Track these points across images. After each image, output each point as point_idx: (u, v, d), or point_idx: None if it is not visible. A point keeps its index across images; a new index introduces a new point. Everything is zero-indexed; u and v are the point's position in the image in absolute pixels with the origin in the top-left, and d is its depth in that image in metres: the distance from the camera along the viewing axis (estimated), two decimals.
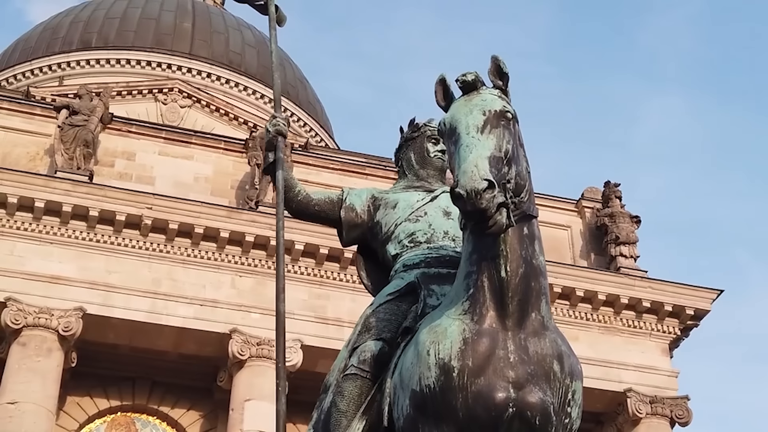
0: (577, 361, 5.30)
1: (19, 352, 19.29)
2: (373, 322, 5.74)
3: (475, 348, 5.04)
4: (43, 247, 20.31)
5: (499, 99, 5.26)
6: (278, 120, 6.32)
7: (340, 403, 5.53)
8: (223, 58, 35.37)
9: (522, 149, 5.32)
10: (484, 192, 4.72)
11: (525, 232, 5.18)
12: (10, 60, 35.95)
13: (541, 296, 5.22)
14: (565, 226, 25.58)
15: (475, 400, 4.96)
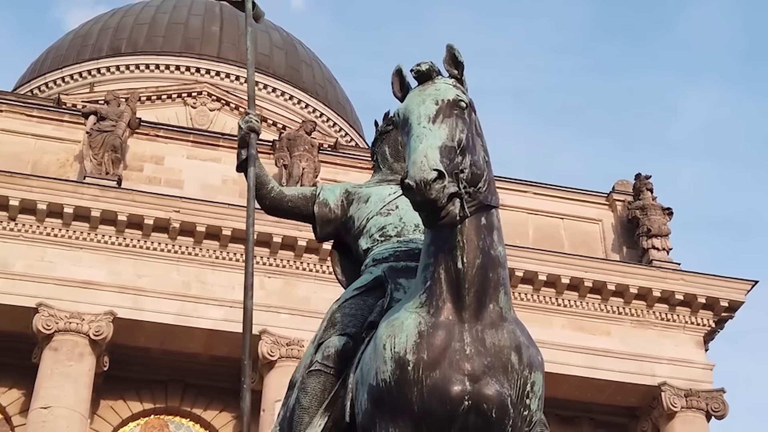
0: (537, 352, 5.22)
1: (51, 357, 19.48)
2: (338, 317, 5.71)
3: (431, 341, 4.98)
4: (73, 253, 20.49)
5: (453, 88, 5.19)
6: (251, 117, 6.31)
7: (303, 400, 5.49)
8: None
9: (479, 138, 5.24)
10: (433, 182, 4.67)
11: (483, 222, 5.11)
12: (41, 68, 36.32)
13: (500, 287, 5.15)
14: (596, 219, 25.39)
15: (430, 394, 4.90)
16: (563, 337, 22.38)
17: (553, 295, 22.84)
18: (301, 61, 37.73)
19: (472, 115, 5.24)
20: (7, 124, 22.78)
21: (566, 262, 23.00)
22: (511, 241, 23.23)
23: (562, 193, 25.37)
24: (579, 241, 24.65)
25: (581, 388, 22.48)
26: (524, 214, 24.69)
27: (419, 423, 4.94)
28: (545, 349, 21.42)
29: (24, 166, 21.90)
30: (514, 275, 22.42)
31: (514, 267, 22.39)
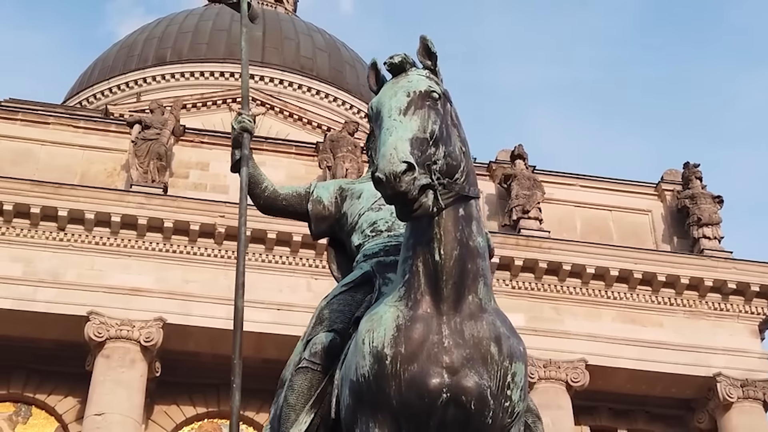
0: (518, 342, 5.15)
1: (104, 364, 19.72)
2: (326, 313, 5.70)
3: (408, 334, 4.96)
4: (122, 260, 20.73)
5: (425, 79, 5.13)
6: (244, 117, 6.29)
7: (290, 398, 5.49)
8: (294, 64, 35.66)
9: (455, 129, 5.18)
10: (403, 175, 4.63)
11: (461, 213, 5.07)
12: (89, 80, 36.85)
13: (479, 278, 5.10)
14: (646, 210, 25.09)
15: (409, 388, 4.87)
16: (614, 330, 22.15)
17: (602, 288, 22.60)
18: (345, 62, 37.83)
19: (447, 106, 5.19)
20: (56, 136, 23.13)
21: (614, 254, 22.76)
22: (558, 234, 23.11)
23: (609, 184, 25.12)
24: (628, 232, 24.38)
25: (634, 381, 22.23)
26: (571, 207, 24.50)
27: (398, 417, 4.91)
28: (595, 342, 21.45)
29: (73, 177, 22.22)
30: (561, 269, 22.28)
31: (561, 261, 22.27)
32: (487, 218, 23.83)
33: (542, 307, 22.15)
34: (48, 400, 21.13)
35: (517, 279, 22.26)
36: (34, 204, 20.68)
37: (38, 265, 20.45)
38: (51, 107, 28.69)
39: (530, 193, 23.45)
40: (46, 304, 20.13)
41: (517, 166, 24.04)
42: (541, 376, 21.12)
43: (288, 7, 44.29)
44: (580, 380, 21.33)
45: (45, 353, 20.79)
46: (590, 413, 22.56)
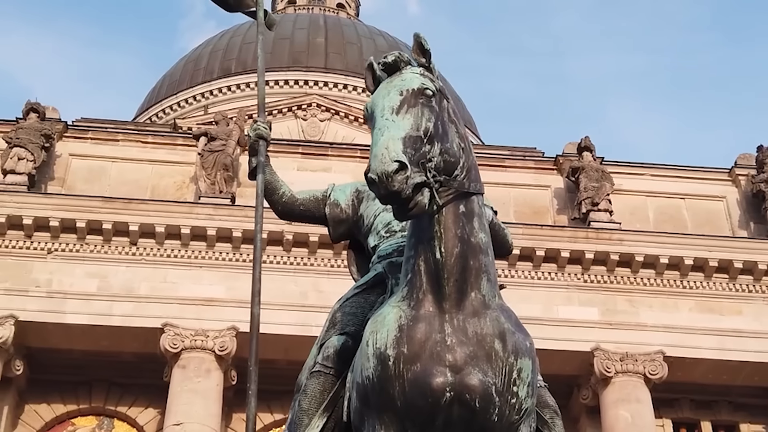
0: (524, 338, 5.04)
1: (180, 375, 19.99)
2: (338, 316, 5.65)
3: (411, 334, 4.90)
4: (193, 272, 21.00)
5: (419, 77, 5.05)
6: (259, 124, 6.26)
7: (303, 402, 5.45)
8: (357, 68, 35.72)
9: (453, 125, 5.09)
10: (395, 174, 4.57)
11: (461, 210, 4.99)
12: (158, 96, 37.43)
13: (482, 274, 5.02)
14: (720, 197, 24.58)
15: (412, 388, 4.81)
16: (691, 321, 21.73)
17: (677, 277, 22.19)
18: None
19: (443, 102, 5.10)
20: (126, 152, 23.55)
21: (688, 243, 22.33)
22: (631, 225, 22.77)
23: (681, 172, 24.68)
24: (703, 220, 23.91)
25: (716, 371, 21.78)
26: (643, 197, 24.14)
27: (403, 418, 4.86)
28: (673, 333, 21.06)
29: (143, 192, 22.60)
30: (634, 260, 21.93)
31: (633, 252, 21.93)
32: (556, 212, 23.61)
33: (616, 300, 21.84)
34: (129, 412, 21.52)
35: (589, 272, 21.97)
36: (106, 220, 21.07)
37: (113, 280, 20.83)
38: (121, 124, 29.20)
39: (599, 185, 23.14)
40: (122, 318, 20.51)
41: (585, 159, 23.75)
42: (617, 370, 20.81)
43: (350, 12, 44.46)
44: (659, 373, 20.97)
45: (124, 366, 21.18)
46: (671, 406, 22.17)
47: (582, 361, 21.17)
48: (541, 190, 24.19)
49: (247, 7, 6.61)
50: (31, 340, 20.55)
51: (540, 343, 19.36)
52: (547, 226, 22.63)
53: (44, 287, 20.60)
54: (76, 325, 20.47)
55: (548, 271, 21.92)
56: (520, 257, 21.77)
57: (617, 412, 20.50)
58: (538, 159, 26.05)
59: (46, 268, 20.87)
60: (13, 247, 20.98)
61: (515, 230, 21.91)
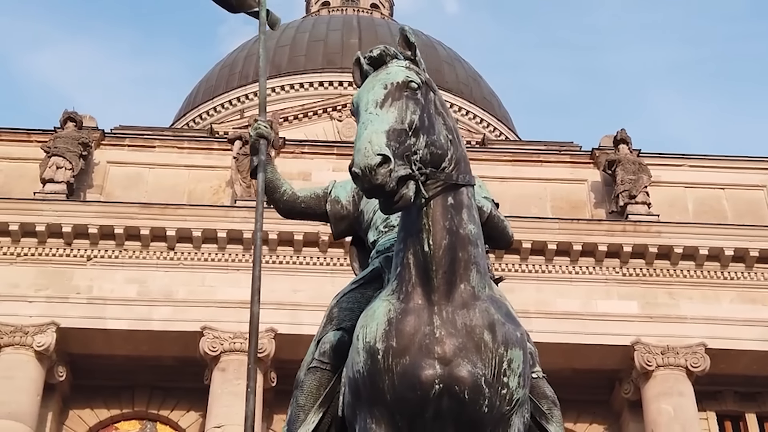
0: (515, 329, 5.02)
1: (220, 378, 20.12)
2: (335, 312, 5.67)
3: (400, 327, 4.90)
4: (230, 275, 21.11)
5: (404, 70, 5.04)
6: (260, 123, 6.29)
7: (299, 398, 5.49)
8: None
9: (440, 117, 5.08)
10: (378, 167, 4.57)
11: (450, 202, 4.99)
12: (194, 101, 37.70)
13: (471, 266, 5.01)
14: (761, 186, 24.46)
15: (401, 381, 4.81)
16: (733, 312, 21.46)
17: (717, 269, 21.93)
18: (443, 61, 37.75)
19: (429, 95, 5.09)
20: (162, 158, 23.75)
21: (728, 233, 22.07)
22: (670, 217, 22.54)
23: (719, 162, 24.40)
24: (743, 210, 23.60)
25: (760, 363, 21.50)
26: (681, 189, 23.90)
27: (394, 411, 4.86)
28: (714, 325, 20.82)
29: (180, 197, 22.78)
30: (673, 252, 21.71)
31: (672, 244, 21.72)
32: (593, 206, 23.44)
33: (656, 292, 21.63)
34: (171, 415, 21.71)
35: (627, 266, 21.79)
36: (143, 226, 21.27)
37: (151, 285, 21.01)
38: (159, 131, 29.44)
39: (636, 177, 22.93)
40: (162, 323, 20.68)
41: (621, 151, 23.56)
42: (659, 363, 20.61)
43: (384, 12, 44.50)
44: (701, 365, 20.73)
45: (165, 370, 21.35)
46: (715, 398, 21.92)
47: (623, 356, 21.00)
48: (578, 184, 24.03)
49: (250, 8, 6.65)
50: (73, 346, 20.79)
51: (579, 338, 19.29)
52: (584, 220, 22.48)
53: (85, 294, 20.84)
54: (117, 331, 20.69)
55: (586, 266, 21.76)
56: (557, 252, 21.66)
57: (659, 406, 20.31)
58: (574, 153, 25.90)
59: (87, 275, 21.11)
60: (54, 254, 21.25)
61: (551, 225, 21.85)
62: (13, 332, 20.15)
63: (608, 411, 22.13)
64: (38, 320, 20.33)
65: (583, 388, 21.73)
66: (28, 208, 21.36)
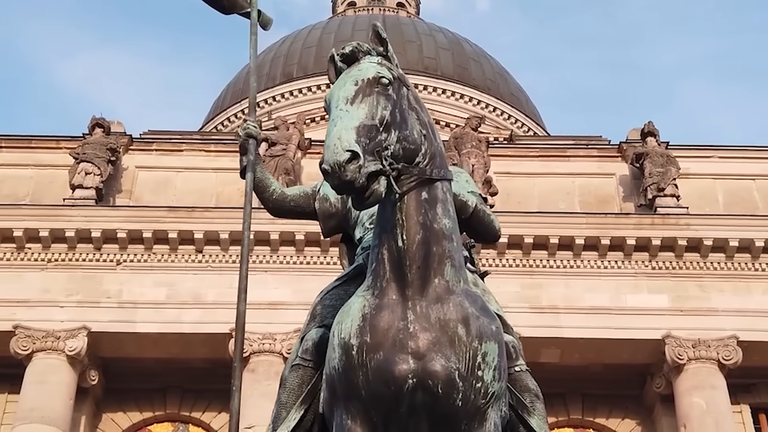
0: (490, 322, 5.01)
1: (250, 379, 20.15)
2: (318, 309, 5.69)
3: (374, 323, 4.91)
4: (258, 276, 21.11)
5: (375, 66, 5.06)
6: (249, 123, 6.31)
7: (282, 396, 5.52)
8: (418, 65, 35.71)
9: (414, 112, 5.09)
10: (347, 164, 4.58)
11: (424, 196, 5.00)
12: (222, 105, 37.90)
13: (445, 260, 5.02)
14: None
15: (375, 376, 4.83)
16: (765, 303, 21.25)
17: (748, 260, 21.71)
18: (469, 58, 37.67)
19: (402, 90, 5.10)
20: (190, 162, 23.89)
21: (758, 224, 21.85)
22: (699, 209, 22.35)
23: (749, 153, 24.17)
24: None
25: None
26: (710, 181, 23.68)
27: (368, 407, 4.88)
28: (746, 317, 20.62)
29: (209, 200, 22.90)
30: (702, 245, 21.52)
31: (701, 236, 21.53)
32: (622, 200, 23.29)
33: (686, 285, 21.45)
34: (203, 417, 21.85)
35: (656, 259, 21.62)
36: (171, 229, 21.41)
37: (180, 288, 21.16)
38: (186, 135, 29.58)
39: (664, 170, 22.75)
40: (192, 325, 20.82)
41: (649, 144, 23.39)
42: (690, 357, 20.44)
43: (410, 11, 44.48)
44: (733, 358, 20.53)
45: (196, 372, 21.48)
46: (748, 391, 21.70)
47: (653, 350, 20.85)
48: (606, 178, 23.89)
49: (242, 9, 6.71)
50: (105, 350, 20.99)
51: (609, 333, 19.16)
52: (612, 214, 22.34)
53: (115, 298, 21.03)
54: (147, 334, 20.85)
55: (615, 260, 21.62)
56: (585, 247, 21.54)
57: (691, 400, 20.14)
58: (602, 147, 25.75)
59: (116, 279, 21.30)
60: (84, 259, 21.45)
61: (579, 220, 21.73)
62: (45, 337, 20.38)
63: (640, 406, 21.99)
64: (69, 325, 20.54)
65: (614, 384, 21.64)
66: (57, 215, 21.59)
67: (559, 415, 21.92)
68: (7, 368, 20.91)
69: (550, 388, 23.28)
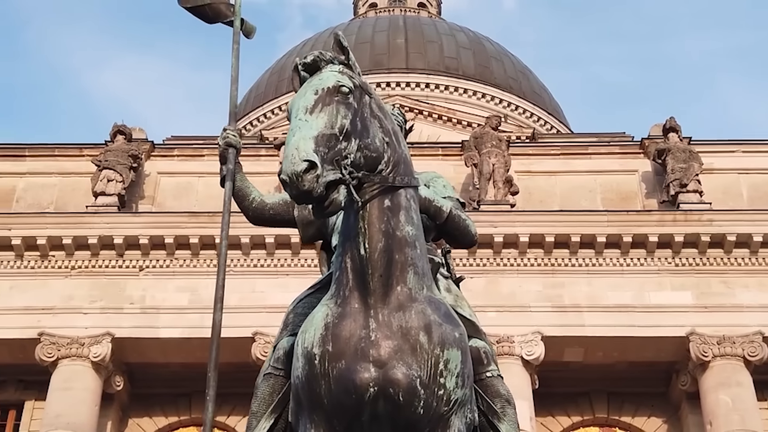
0: (453, 329, 4.99)
1: None
2: (291, 318, 5.68)
3: (336, 332, 4.92)
4: (280, 280, 21.24)
5: (336, 75, 5.05)
6: (228, 133, 6.32)
7: (253, 405, 5.51)
8: (439, 66, 35.68)
9: (376, 120, 5.08)
10: (305, 174, 4.58)
11: (387, 204, 5.00)
12: (245, 109, 38.02)
13: (408, 267, 5.01)
14: None
15: (337, 385, 4.83)
16: None
17: None
18: (491, 57, 37.58)
19: (364, 98, 5.10)
20: (211, 167, 23.87)
21: None
22: (723, 204, 22.17)
23: None
24: None
25: None
26: (735, 175, 23.48)
27: (331, 416, 4.88)
28: None
29: None
30: (726, 240, 21.33)
31: (725, 232, 21.35)
32: (645, 196, 23.14)
33: (710, 282, 21.27)
34: (228, 421, 21.96)
35: (680, 256, 21.45)
36: (192, 234, 21.51)
37: (203, 293, 21.17)
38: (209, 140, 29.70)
39: (686, 165, 22.57)
40: None
41: (671, 140, 23.22)
42: (715, 354, 20.26)
43: (431, 11, 44.44)
44: (758, 354, 20.34)
45: (221, 376, 20.34)
46: None
47: (678, 347, 20.69)
48: (629, 175, 23.75)
49: (225, 17, 6.72)
50: (129, 355, 21.12)
51: (633, 331, 19.02)
52: (633, 211, 22.19)
53: (138, 304, 21.15)
54: (171, 339, 20.94)
55: (637, 257, 21.48)
56: (607, 245, 21.42)
57: (717, 397, 19.97)
58: (623, 143, 25.59)
59: (139, 285, 21.42)
60: (107, 266, 21.60)
61: (600, 218, 21.59)
62: (70, 344, 20.54)
63: (666, 403, 21.84)
64: (93, 331, 20.69)
65: (639, 382, 21.51)
66: (80, 222, 21.75)
67: (584, 414, 21.84)
68: (33, 375, 21.11)
69: (574, 387, 23.28)
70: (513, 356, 20.21)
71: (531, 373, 20.37)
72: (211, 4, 6.66)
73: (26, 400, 21.73)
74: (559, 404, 21.57)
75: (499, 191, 22.25)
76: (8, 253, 21.63)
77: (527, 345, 20.27)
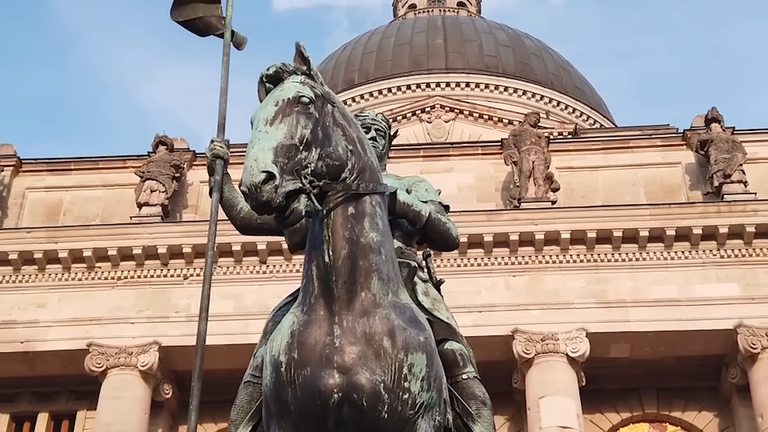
0: (418, 333, 5.01)
1: None
2: (270, 326, 5.73)
3: (301, 339, 4.97)
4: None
5: (297, 85, 5.09)
6: (215, 144, 6.32)
7: (232, 413, 5.58)
8: (479, 65, 35.61)
9: (339, 128, 5.11)
10: (263, 184, 4.63)
11: (351, 211, 5.05)
12: None
13: (372, 273, 5.04)
14: None
15: (303, 392, 4.88)
16: None
17: None
18: (530, 54, 37.41)
19: (326, 107, 5.13)
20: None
21: None
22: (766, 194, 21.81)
23: None
24: None
25: None
26: None
27: (298, 423, 4.94)
28: None
29: None
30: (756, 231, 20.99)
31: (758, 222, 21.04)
32: (689, 188, 22.88)
33: (756, 273, 20.97)
34: None
35: (725, 247, 21.18)
36: (234, 242, 21.64)
37: (247, 300, 21.38)
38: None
39: (730, 156, 22.27)
40: (257, 336, 20.90)
41: (713, 130, 22.93)
42: (764, 345, 19.97)
43: (471, 10, 44.36)
44: None
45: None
46: None
47: (726, 340, 20.43)
48: (672, 167, 23.50)
49: (217, 30, 6.77)
50: (176, 363, 21.32)
51: (679, 325, 18.80)
52: (676, 204, 21.95)
53: (183, 312, 21.36)
54: (216, 347, 20.99)
55: (681, 250, 21.24)
56: (650, 239, 21.21)
57: (767, 389, 19.67)
58: (665, 136, 25.34)
59: (184, 293, 21.63)
60: (152, 276, 21.86)
61: (642, 212, 21.39)
62: (118, 354, 20.82)
63: (717, 397, 21.56)
64: (141, 340, 20.95)
65: (688, 376, 21.27)
66: (124, 233, 22.03)
67: (634, 410, 21.65)
68: (83, 385, 21.44)
69: (622, 383, 22.99)
70: (558, 354, 20.10)
71: (577, 371, 20.24)
72: (203, 17, 6.73)
73: (78, 410, 22.08)
74: (608, 401, 21.40)
75: (540, 188, 22.14)
76: (56, 265, 22.00)
77: (572, 342, 20.15)
